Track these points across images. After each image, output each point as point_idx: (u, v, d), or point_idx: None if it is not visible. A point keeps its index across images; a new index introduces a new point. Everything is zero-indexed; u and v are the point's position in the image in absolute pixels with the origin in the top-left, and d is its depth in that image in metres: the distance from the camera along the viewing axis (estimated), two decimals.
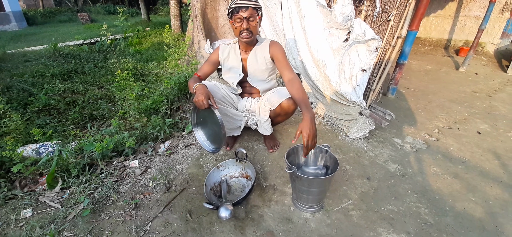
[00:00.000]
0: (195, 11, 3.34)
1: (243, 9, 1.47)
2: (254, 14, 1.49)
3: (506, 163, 1.90)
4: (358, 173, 1.73)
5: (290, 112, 1.64)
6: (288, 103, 1.58)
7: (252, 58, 1.67)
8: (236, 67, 1.73)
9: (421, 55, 5.21)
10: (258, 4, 1.51)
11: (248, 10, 1.47)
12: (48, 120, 2.49)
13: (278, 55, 1.59)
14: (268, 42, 1.65)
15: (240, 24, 1.50)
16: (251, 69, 1.70)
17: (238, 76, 1.73)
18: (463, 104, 2.93)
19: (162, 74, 3.54)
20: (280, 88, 1.71)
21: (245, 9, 1.46)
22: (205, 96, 1.40)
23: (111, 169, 1.71)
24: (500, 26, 4.99)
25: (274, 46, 1.62)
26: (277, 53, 1.60)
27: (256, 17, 1.52)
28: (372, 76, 2.43)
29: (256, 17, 1.52)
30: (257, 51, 1.66)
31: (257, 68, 1.68)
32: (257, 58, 1.66)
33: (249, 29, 1.51)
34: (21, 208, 1.41)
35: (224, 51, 1.73)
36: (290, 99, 1.58)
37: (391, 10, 2.19)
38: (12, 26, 10.43)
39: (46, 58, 4.39)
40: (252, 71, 1.71)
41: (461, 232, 1.33)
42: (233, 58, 1.72)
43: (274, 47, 1.62)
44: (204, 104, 1.39)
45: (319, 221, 1.36)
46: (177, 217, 1.37)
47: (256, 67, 1.68)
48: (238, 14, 1.48)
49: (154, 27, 8.37)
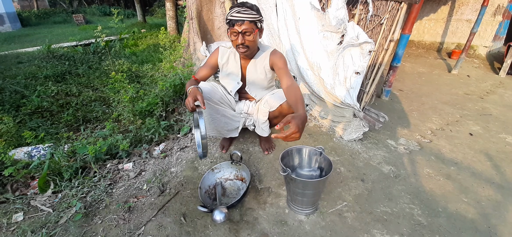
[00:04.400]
0: (190, 13, 3.34)
1: (238, 23, 1.36)
2: (251, 28, 1.38)
3: (498, 164, 1.93)
4: (353, 175, 1.74)
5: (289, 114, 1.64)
6: (288, 105, 1.59)
7: (252, 67, 1.62)
8: (235, 74, 1.67)
9: (414, 58, 5.28)
10: (256, 16, 1.38)
11: (244, 24, 1.36)
12: (40, 122, 2.45)
13: (278, 63, 1.53)
14: (269, 52, 1.58)
15: (235, 38, 1.41)
16: (250, 78, 1.66)
17: (237, 84, 1.68)
18: (456, 106, 2.97)
19: (157, 76, 3.52)
20: (280, 90, 1.69)
21: (241, 22, 1.36)
22: (192, 98, 1.31)
23: (105, 172, 1.70)
24: (492, 29, 5.08)
25: (275, 55, 1.55)
26: (277, 61, 1.53)
27: (253, 31, 1.40)
28: (365, 79, 2.45)
29: (254, 30, 1.41)
30: (257, 61, 1.60)
31: (256, 77, 1.64)
32: (257, 67, 1.62)
33: (245, 43, 1.42)
34: (12, 212, 1.39)
35: (224, 55, 1.66)
36: None
37: (384, 14, 2.22)
38: (6, 27, 10.29)
39: (40, 59, 4.33)
40: (251, 80, 1.67)
41: (454, 233, 1.34)
42: (232, 63, 1.66)
43: (275, 56, 1.55)
44: (189, 106, 1.30)
45: (314, 223, 1.37)
46: (171, 220, 1.36)
47: (255, 76, 1.64)
48: (233, 28, 1.38)
49: (150, 28, 8.33)
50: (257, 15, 1.39)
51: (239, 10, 1.35)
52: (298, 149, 1.51)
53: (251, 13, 1.36)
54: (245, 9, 1.36)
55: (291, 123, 1.08)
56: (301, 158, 1.53)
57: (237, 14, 1.34)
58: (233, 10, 1.37)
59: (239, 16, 1.35)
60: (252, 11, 1.37)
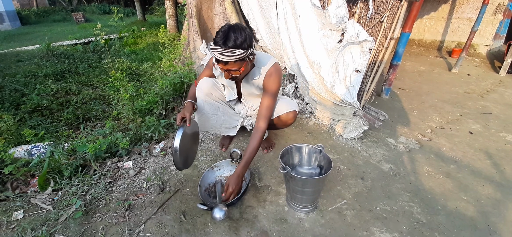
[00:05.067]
0: (190, 11, 3.33)
1: (221, 63, 1.26)
2: (237, 65, 1.27)
3: (497, 162, 1.93)
4: (352, 173, 1.74)
5: (288, 124, 1.65)
6: (286, 117, 1.58)
7: (245, 84, 1.56)
8: (230, 87, 1.62)
9: (414, 57, 5.27)
10: (242, 53, 1.21)
11: (228, 64, 1.25)
12: (40, 120, 2.45)
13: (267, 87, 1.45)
14: (266, 70, 1.45)
15: (222, 71, 1.33)
16: (245, 92, 1.63)
17: (233, 95, 1.64)
18: (456, 104, 2.97)
19: (157, 75, 3.52)
20: (282, 98, 1.69)
21: (224, 63, 1.25)
22: (181, 116, 1.36)
23: (105, 170, 1.70)
24: (492, 27, 5.07)
25: (269, 78, 1.44)
26: (267, 85, 1.45)
27: (240, 67, 1.28)
28: (365, 77, 2.45)
29: (241, 66, 1.29)
30: (251, 81, 1.52)
31: (251, 92, 1.60)
32: (251, 85, 1.55)
33: (233, 76, 1.35)
34: (12, 210, 1.39)
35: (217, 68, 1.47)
36: (289, 113, 1.57)
37: (384, 12, 2.21)
38: (6, 26, 10.27)
39: (39, 58, 4.33)
40: (246, 93, 1.63)
41: (453, 231, 1.35)
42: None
43: (269, 79, 1.44)
44: (177, 121, 1.35)
45: (313, 221, 1.37)
46: (171, 218, 1.36)
47: (250, 91, 1.59)
48: (219, 64, 1.28)
49: (150, 27, 8.31)
50: (243, 52, 1.21)
51: (221, 51, 1.19)
52: (298, 147, 1.51)
53: (234, 53, 1.20)
54: (227, 50, 1.19)
55: (227, 186, 1.34)
56: (301, 156, 1.53)
57: (220, 56, 1.21)
58: (216, 49, 1.21)
59: (222, 58, 1.22)
60: (236, 52, 1.19)
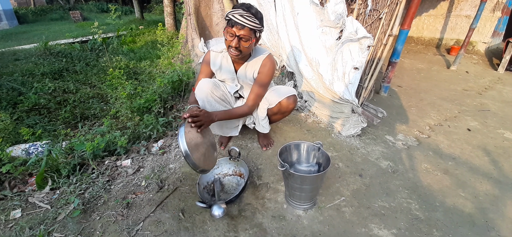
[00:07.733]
0: (188, 9, 3.32)
1: (237, 26, 1.29)
2: (249, 35, 1.32)
3: (495, 159, 1.94)
4: (351, 170, 1.74)
5: (288, 110, 1.65)
6: (287, 102, 1.58)
7: (242, 71, 1.58)
8: (230, 78, 1.64)
9: (413, 54, 5.27)
10: (258, 26, 1.32)
11: (243, 29, 1.30)
12: (38, 119, 2.44)
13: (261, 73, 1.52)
14: (262, 58, 1.52)
15: (231, 39, 1.34)
16: (242, 82, 1.64)
17: (235, 86, 1.66)
18: (454, 102, 2.97)
19: (155, 73, 3.51)
20: (279, 86, 1.69)
21: (241, 27, 1.29)
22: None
23: (103, 169, 1.69)
24: (491, 25, 5.07)
25: (264, 67, 1.51)
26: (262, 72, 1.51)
27: (251, 39, 1.34)
28: (364, 74, 2.44)
29: (252, 38, 1.35)
30: (248, 67, 1.56)
31: (246, 81, 1.62)
32: (247, 73, 1.58)
33: (239, 48, 1.37)
34: (10, 209, 1.38)
35: (216, 61, 1.61)
36: (289, 98, 1.57)
37: (383, 9, 2.20)
38: (3, 25, 10.19)
39: (37, 56, 4.31)
40: (243, 84, 1.65)
41: (451, 227, 1.35)
42: (225, 68, 1.62)
43: (264, 68, 1.51)
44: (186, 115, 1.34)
45: (312, 218, 1.37)
46: (169, 216, 1.36)
47: (246, 81, 1.61)
48: (232, 29, 1.31)
49: (148, 25, 8.27)
50: (259, 24, 1.32)
51: (242, 13, 1.28)
52: (296, 145, 1.51)
53: (253, 21, 1.29)
54: (249, 15, 1.28)
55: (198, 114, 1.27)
56: (299, 154, 1.53)
57: (240, 18, 1.27)
58: (236, 10, 1.29)
59: (240, 20, 1.27)
60: (255, 19, 1.30)
